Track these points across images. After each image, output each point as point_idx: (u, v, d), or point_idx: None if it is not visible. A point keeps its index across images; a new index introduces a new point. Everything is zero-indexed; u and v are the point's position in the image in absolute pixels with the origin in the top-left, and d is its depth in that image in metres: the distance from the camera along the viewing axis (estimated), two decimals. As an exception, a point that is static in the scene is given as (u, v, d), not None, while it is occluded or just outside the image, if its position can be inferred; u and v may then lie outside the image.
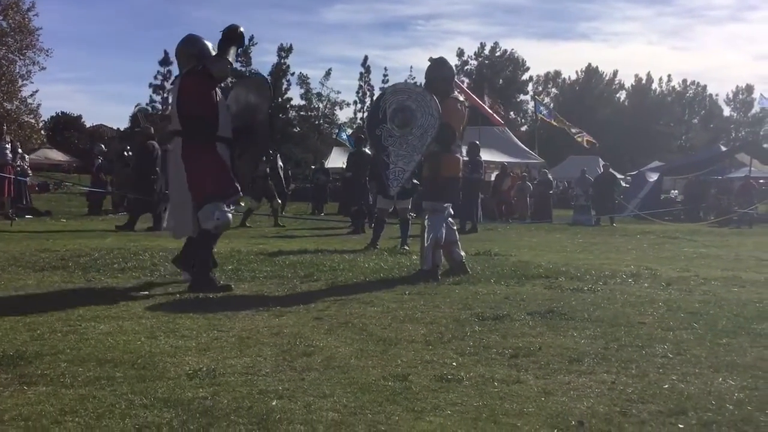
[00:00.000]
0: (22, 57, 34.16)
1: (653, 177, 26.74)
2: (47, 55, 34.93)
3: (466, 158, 16.87)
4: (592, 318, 4.92)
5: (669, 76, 75.41)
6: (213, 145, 6.03)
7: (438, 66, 7.23)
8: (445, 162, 7.04)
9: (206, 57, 6.09)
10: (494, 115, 26.43)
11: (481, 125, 28.28)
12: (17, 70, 34.29)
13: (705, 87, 76.03)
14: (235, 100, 6.49)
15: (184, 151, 6.01)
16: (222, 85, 6.27)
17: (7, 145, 14.89)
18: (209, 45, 6.21)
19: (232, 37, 6.19)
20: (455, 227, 7.41)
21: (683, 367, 3.66)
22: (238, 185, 6.15)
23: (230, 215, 6.19)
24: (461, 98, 7.56)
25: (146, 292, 5.77)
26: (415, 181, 10.75)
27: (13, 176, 14.77)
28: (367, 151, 14.60)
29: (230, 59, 6.15)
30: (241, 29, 6.26)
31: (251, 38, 53.72)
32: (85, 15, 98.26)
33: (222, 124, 6.06)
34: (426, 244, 6.92)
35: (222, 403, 2.99)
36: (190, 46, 6.18)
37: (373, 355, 3.83)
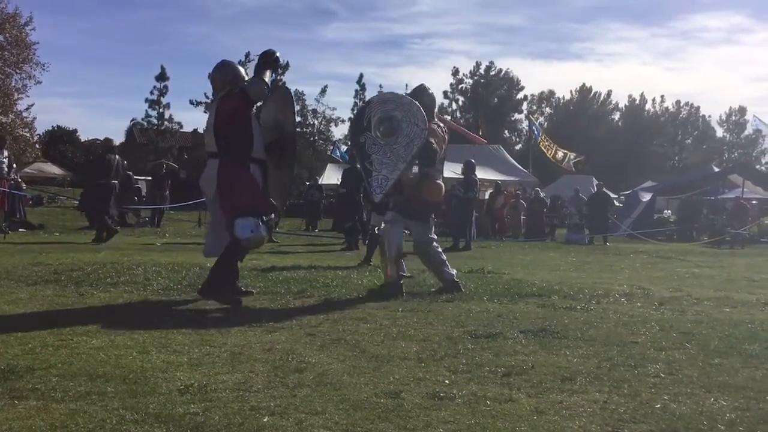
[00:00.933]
0: (18, 71, 34.20)
1: (646, 197, 26.85)
2: (44, 69, 35.01)
3: (461, 176, 16.96)
4: (584, 337, 4.92)
5: (662, 96, 75.78)
6: (247, 165, 6.16)
7: (418, 94, 7.08)
8: (426, 189, 6.96)
9: (242, 79, 6.30)
10: (477, 137, 26.51)
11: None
12: (13, 84, 34.34)
13: (698, 108, 76.38)
14: (265, 116, 6.65)
15: (220, 171, 6.11)
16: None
17: (4, 159, 14.89)
18: (242, 70, 6.49)
19: (267, 61, 6.39)
20: (440, 248, 7.34)
21: (675, 387, 3.66)
22: (272, 203, 6.41)
23: (264, 233, 6.24)
24: (441, 124, 7.45)
25: (138, 307, 5.75)
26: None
27: (8, 190, 14.73)
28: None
29: (267, 81, 6.32)
30: (277, 54, 6.44)
31: (247, 55, 53.74)
32: (82, 30, 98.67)
33: (256, 145, 6.22)
34: (388, 256, 6.86)
35: (213, 419, 2.98)
36: (225, 71, 6.37)
37: (365, 372, 3.83)
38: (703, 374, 3.96)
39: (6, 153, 15.31)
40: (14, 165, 17.13)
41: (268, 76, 6.34)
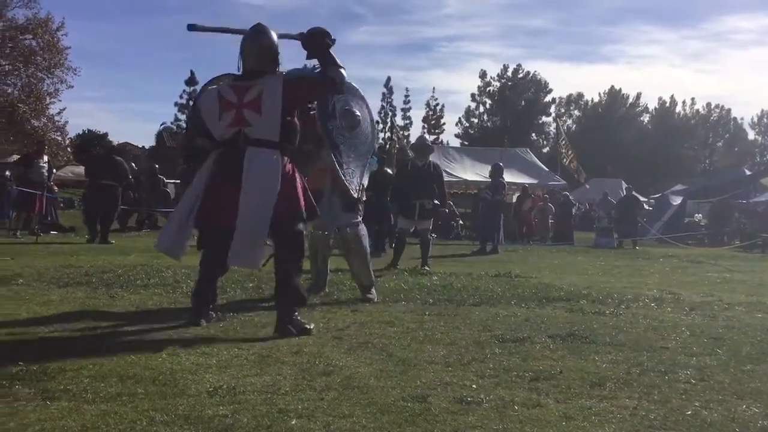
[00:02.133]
0: (50, 75, 34.69)
1: (677, 200, 26.54)
2: (75, 74, 35.48)
3: (488, 179, 16.90)
4: (614, 342, 4.87)
5: (693, 99, 74.83)
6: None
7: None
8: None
9: (323, 64, 5.39)
10: None
11: (504, 147, 28.24)
12: (45, 88, 34.83)
13: (729, 110, 75.39)
14: None
15: (285, 166, 5.12)
16: None
17: (44, 164, 15.17)
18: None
19: (323, 42, 5.37)
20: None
21: (706, 394, 3.62)
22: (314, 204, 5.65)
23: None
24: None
25: (168, 309, 5.81)
26: (435, 201, 10.79)
27: (44, 193, 14.98)
28: (389, 171, 14.63)
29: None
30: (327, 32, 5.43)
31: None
32: (113, 35, 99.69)
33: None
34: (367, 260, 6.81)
35: (242, 421, 3.00)
36: (266, 39, 5.30)
37: (392, 375, 3.83)
38: (734, 381, 3.90)
39: (46, 158, 15.60)
40: (54, 171, 17.46)
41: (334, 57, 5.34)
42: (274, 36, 5.31)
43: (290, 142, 5.20)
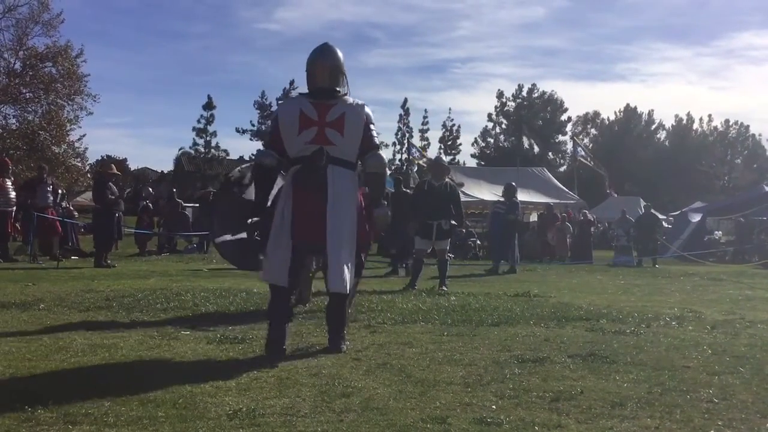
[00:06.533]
0: (70, 102, 35.08)
1: (696, 218, 26.33)
2: (95, 101, 35.86)
3: (502, 198, 16.86)
4: (635, 361, 4.84)
5: (710, 116, 74.44)
6: None
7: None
8: None
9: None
10: None
11: (519, 166, 28.23)
12: (65, 115, 35.19)
13: (748, 127, 74.93)
14: None
15: (353, 193, 5.16)
16: None
17: (48, 188, 15.25)
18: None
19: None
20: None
21: (729, 413, 3.58)
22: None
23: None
24: None
25: (188, 332, 5.84)
26: (452, 221, 10.79)
27: (59, 218, 15.08)
28: (407, 191, 14.65)
29: None
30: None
31: (292, 82, 54.63)
32: (131, 61, 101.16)
33: None
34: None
35: (262, 443, 3.00)
36: (337, 58, 5.32)
37: (411, 396, 3.82)
38: (757, 399, 3.86)
39: (49, 181, 15.67)
40: (60, 192, 17.45)
41: None
42: (340, 54, 5.35)
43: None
